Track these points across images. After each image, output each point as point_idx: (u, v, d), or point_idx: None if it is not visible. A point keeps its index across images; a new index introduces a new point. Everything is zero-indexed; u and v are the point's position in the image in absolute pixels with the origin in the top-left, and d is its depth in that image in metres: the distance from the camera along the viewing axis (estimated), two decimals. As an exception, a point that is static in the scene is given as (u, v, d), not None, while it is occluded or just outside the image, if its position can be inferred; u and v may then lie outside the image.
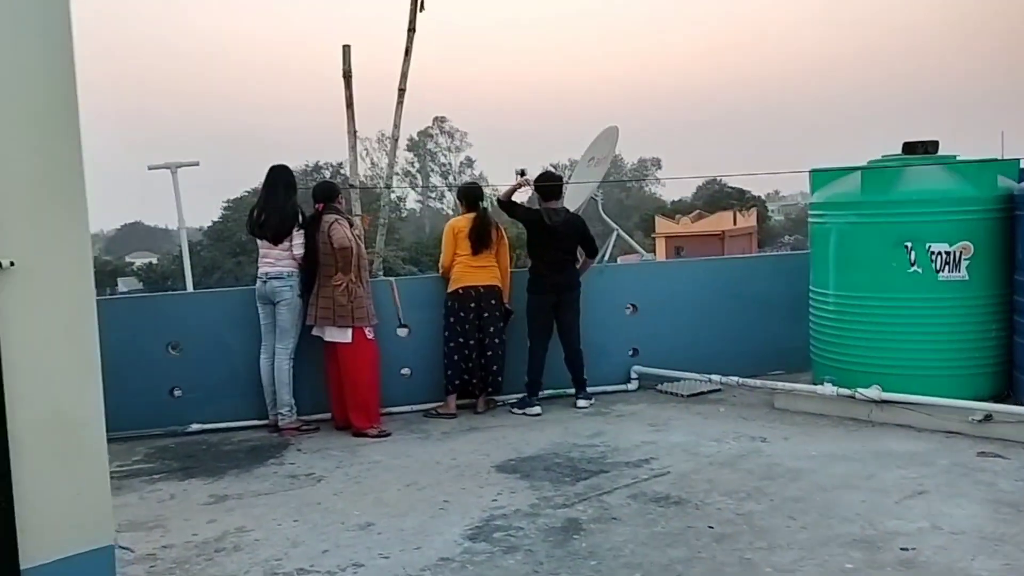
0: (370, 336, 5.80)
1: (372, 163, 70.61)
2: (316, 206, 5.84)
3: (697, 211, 50.82)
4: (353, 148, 6.53)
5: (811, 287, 6.25)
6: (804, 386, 5.95)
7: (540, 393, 6.34)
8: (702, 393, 6.55)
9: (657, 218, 51.82)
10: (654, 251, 50.52)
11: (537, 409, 6.18)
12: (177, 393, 6.19)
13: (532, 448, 5.30)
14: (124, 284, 60.72)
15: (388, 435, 5.77)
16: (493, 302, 6.23)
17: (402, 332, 6.47)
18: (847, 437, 5.26)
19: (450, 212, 70.51)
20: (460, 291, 6.15)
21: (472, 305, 6.16)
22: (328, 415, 6.10)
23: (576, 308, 6.36)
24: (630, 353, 6.93)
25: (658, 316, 6.95)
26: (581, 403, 6.33)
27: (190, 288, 7.97)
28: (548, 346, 6.30)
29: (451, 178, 70.74)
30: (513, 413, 6.25)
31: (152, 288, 58.56)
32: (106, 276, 63.43)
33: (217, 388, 6.20)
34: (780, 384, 6.06)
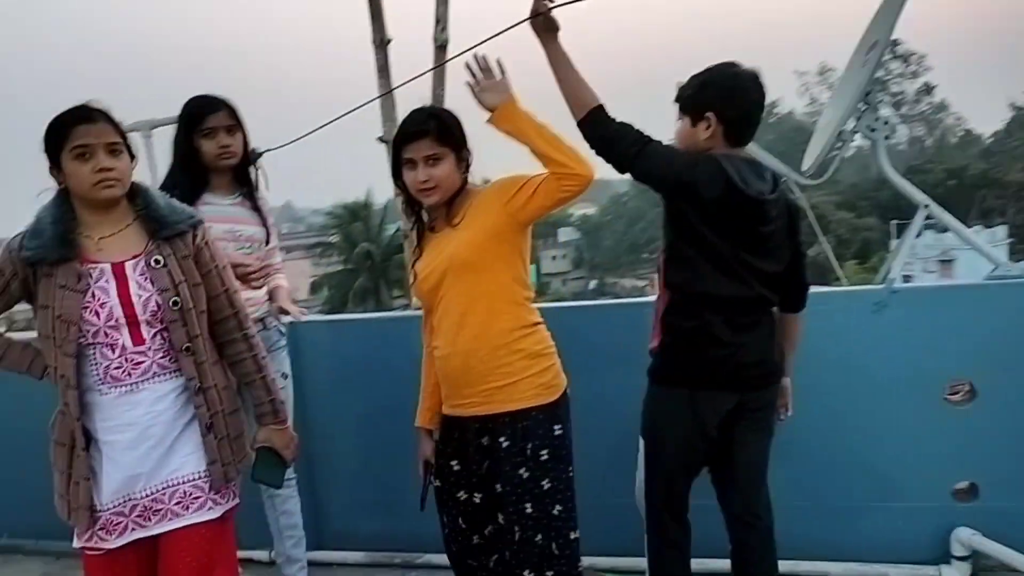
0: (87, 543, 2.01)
1: (811, 99, 60.36)
2: None
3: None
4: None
5: None
6: None
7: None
8: None
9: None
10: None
11: None
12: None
13: None
14: (563, 234, 63.53)
15: None
16: None
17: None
18: None
19: (901, 147, 55.34)
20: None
21: None
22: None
23: (770, 426, 2.40)
24: (951, 492, 2.88)
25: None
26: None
27: None
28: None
29: (904, 109, 58.77)
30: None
31: (587, 239, 57.20)
32: (549, 227, 62.83)
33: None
34: None
